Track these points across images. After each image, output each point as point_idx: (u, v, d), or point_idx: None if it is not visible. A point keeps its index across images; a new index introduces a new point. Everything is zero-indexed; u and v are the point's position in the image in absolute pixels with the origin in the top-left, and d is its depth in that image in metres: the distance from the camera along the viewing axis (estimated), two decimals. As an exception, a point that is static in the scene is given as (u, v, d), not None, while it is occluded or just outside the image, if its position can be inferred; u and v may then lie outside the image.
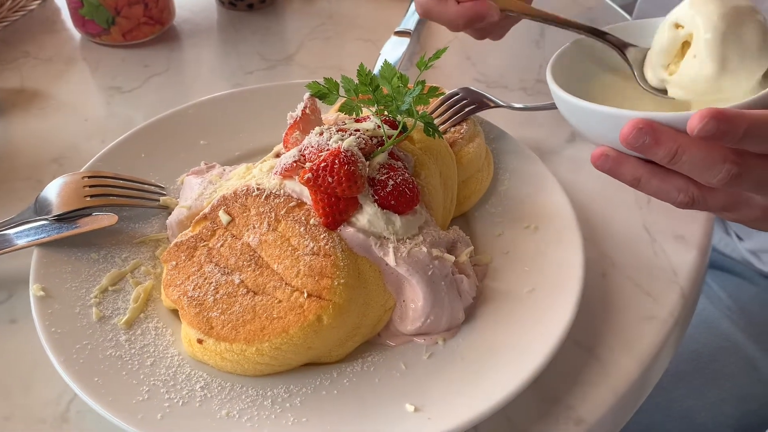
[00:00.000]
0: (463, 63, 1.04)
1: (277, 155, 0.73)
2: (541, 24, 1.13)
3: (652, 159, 0.59)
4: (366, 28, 1.13)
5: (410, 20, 1.07)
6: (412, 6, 1.12)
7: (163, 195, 0.75)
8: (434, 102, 0.81)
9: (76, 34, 1.08)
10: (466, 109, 0.79)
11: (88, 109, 0.95)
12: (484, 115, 0.83)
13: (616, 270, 0.73)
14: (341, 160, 0.60)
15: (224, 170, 0.75)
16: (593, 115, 0.60)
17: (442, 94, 0.70)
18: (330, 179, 0.60)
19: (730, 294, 1.07)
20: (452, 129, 0.77)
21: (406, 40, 1.01)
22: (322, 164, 0.60)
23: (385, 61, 0.65)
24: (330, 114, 0.76)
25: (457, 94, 0.81)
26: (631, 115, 0.57)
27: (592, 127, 0.62)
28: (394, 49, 1.00)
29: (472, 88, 0.83)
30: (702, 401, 0.97)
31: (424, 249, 0.62)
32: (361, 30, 1.12)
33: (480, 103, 0.81)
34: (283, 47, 1.08)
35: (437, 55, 0.68)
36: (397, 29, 1.04)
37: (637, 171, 0.61)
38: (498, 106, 0.82)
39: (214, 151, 0.81)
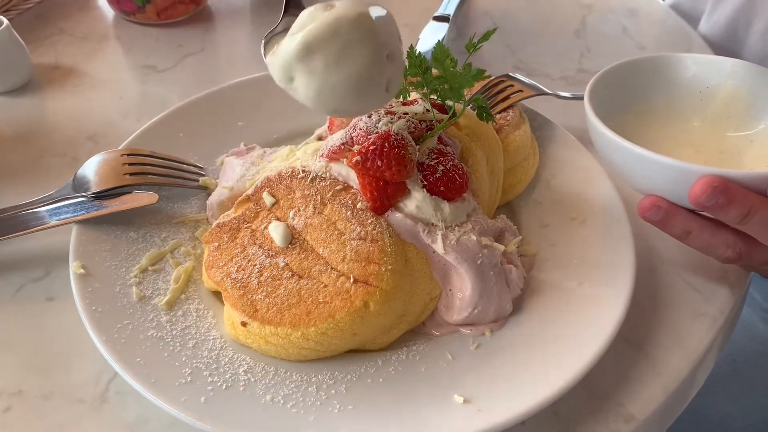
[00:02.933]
0: (502, 51, 1.02)
1: (319, 138, 0.72)
2: (582, 13, 1.11)
3: (720, 218, 0.57)
4: (401, 12, 1.10)
5: (449, 5, 1.05)
6: (450, -9, 1.10)
7: (202, 175, 0.74)
8: (477, 87, 0.79)
9: (110, 11, 1.07)
10: (512, 96, 0.77)
11: (123, 87, 0.94)
12: (528, 103, 0.81)
13: (665, 265, 0.71)
14: (391, 143, 0.59)
15: (264, 152, 0.73)
16: (655, 166, 0.58)
17: (488, 76, 0.68)
18: (379, 163, 0.58)
19: (767, 297, 1.04)
20: (498, 116, 0.75)
21: (445, 25, 0.99)
22: (372, 147, 0.59)
23: (439, 42, 0.64)
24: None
25: (503, 81, 0.79)
26: (703, 171, 0.55)
27: (649, 176, 0.59)
28: (432, 34, 0.98)
29: (514, 75, 0.81)
30: (738, 408, 0.94)
31: (473, 237, 0.60)
32: (397, 14, 1.08)
33: (525, 90, 0.79)
34: (319, 30, 1.07)
35: (486, 36, 0.65)
36: (435, 14, 1.02)
37: (688, 224, 0.59)
38: (544, 93, 0.80)
39: (252, 132, 0.80)
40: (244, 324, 0.57)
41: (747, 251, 0.60)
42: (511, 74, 0.82)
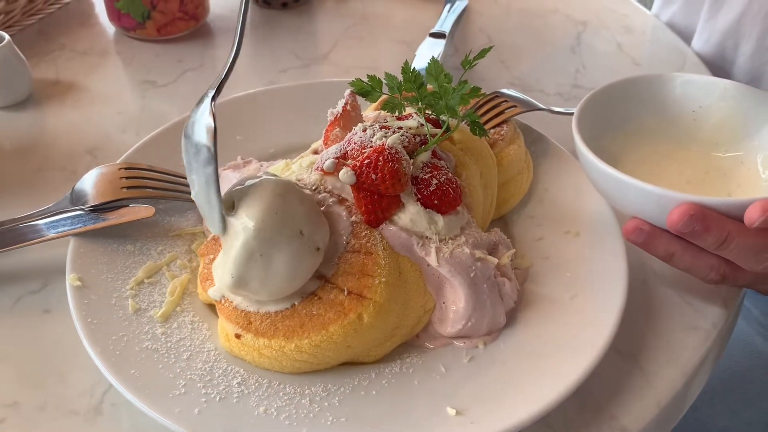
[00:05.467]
0: (497, 67, 1.03)
1: (315, 152, 0.72)
2: (577, 30, 1.12)
3: (698, 244, 0.58)
4: (399, 29, 1.12)
5: (446, 22, 1.06)
6: (447, 7, 1.11)
7: (199, 189, 0.74)
8: (472, 103, 0.79)
9: (111, 27, 1.09)
10: (507, 111, 0.78)
11: (122, 102, 0.95)
12: (522, 118, 0.82)
13: (657, 278, 0.71)
14: (385, 157, 0.59)
15: (261, 165, 0.74)
16: (636, 191, 0.59)
17: (483, 94, 0.69)
18: (374, 176, 0.59)
19: (763, 311, 1.04)
20: (492, 130, 0.76)
21: (441, 42, 1.00)
22: (366, 161, 0.60)
23: (433, 57, 0.65)
24: (368, 112, 0.75)
25: (497, 96, 0.80)
26: (681, 198, 0.56)
27: (631, 200, 0.60)
28: (429, 51, 0.99)
29: (507, 91, 0.82)
30: (736, 421, 0.94)
31: (467, 250, 0.61)
32: (395, 31, 1.12)
33: (520, 105, 0.80)
34: (317, 46, 1.08)
35: (482, 54, 0.66)
36: (432, 31, 1.04)
37: (671, 246, 0.60)
38: (539, 109, 0.81)
39: (250, 146, 0.81)
40: (238, 336, 0.58)
41: (731, 273, 0.60)
42: (504, 90, 0.82)
